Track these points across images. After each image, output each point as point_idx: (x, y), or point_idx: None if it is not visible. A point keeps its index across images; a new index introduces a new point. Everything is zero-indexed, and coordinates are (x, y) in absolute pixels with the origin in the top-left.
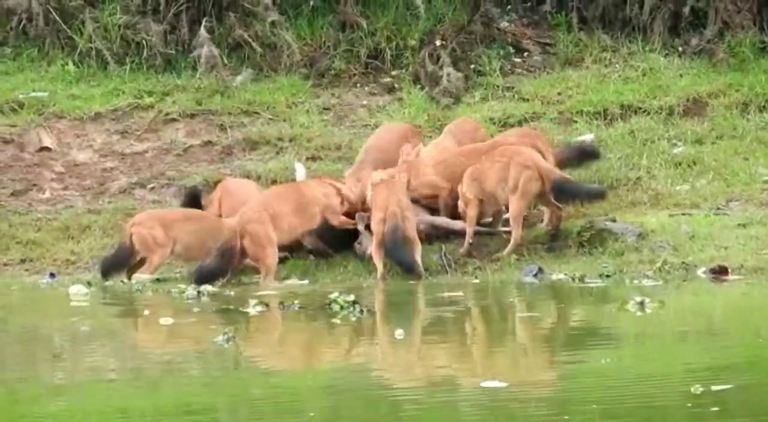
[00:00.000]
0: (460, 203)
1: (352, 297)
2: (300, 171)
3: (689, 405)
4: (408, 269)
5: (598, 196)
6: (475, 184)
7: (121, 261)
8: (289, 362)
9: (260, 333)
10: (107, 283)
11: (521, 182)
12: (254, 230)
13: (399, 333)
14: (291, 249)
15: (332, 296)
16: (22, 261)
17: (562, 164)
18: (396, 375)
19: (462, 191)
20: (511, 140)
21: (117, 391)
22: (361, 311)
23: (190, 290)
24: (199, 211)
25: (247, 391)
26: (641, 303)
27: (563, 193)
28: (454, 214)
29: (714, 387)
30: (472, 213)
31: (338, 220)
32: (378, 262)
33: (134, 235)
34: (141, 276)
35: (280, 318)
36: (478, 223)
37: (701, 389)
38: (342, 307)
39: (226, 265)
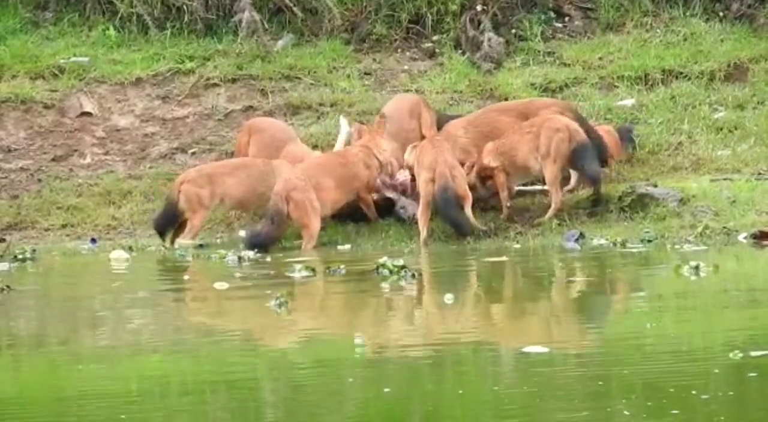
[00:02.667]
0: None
1: (401, 262)
2: (344, 126)
3: (726, 371)
4: (459, 229)
5: (592, 179)
6: (502, 158)
7: (171, 218)
8: (334, 328)
9: (309, 299)
10: (149, 248)
11: (553, 146)
12: (299, 197)
13: (448, 297)
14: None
15: (381, 261)
16: (63, 226)
17: None
18: (441, 340)
19: (484, 164)
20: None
21: (158, 358)
22: (413, 276)
23: (231, 255)
24: (246, 158)
25: (289, 359)
26: (696, 268)
27: (576, 155)
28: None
29: (753, 353)
30: (500, 178)
31: (366, 198)
32: (423, 226)
33: (182, 193)
34: (184, 241)
35: (327, 284)
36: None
37: (740, 355)
38: (391, 272)
39: (278, 230)
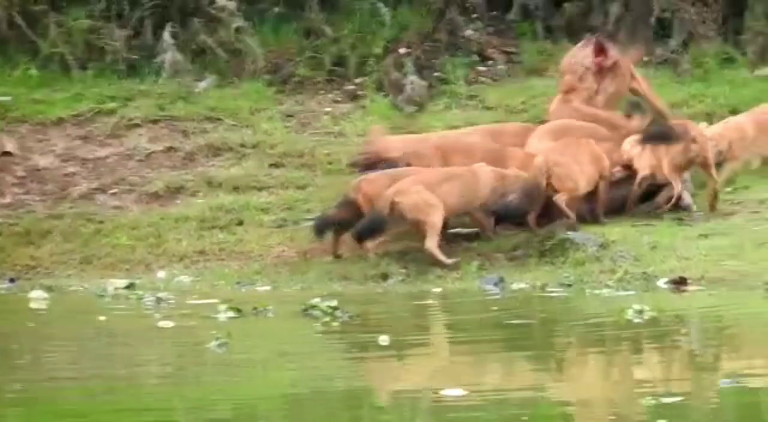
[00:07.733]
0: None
1: (334, 303)
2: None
3: (639, 417)
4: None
5: None
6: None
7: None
8: (255, 370)
9: (249, 340)
10: (68, 289)
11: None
12: (407, 200)
13: (383, 339)
14: None
15: (312, 301)
16: None
17: None
18: (366, 382)
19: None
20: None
21: (76, 398)
22: (350, 317)
23: (148, 296)
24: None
25: (206, 400)
26: (640, 312)
27: None
28: None
29: (665, 400)
30: None
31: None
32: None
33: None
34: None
35: (261, 324)
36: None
37: (653, 401)
38: (324, 313)
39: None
